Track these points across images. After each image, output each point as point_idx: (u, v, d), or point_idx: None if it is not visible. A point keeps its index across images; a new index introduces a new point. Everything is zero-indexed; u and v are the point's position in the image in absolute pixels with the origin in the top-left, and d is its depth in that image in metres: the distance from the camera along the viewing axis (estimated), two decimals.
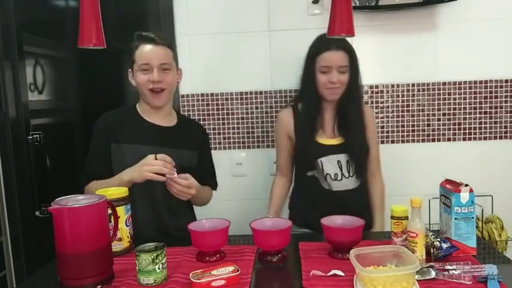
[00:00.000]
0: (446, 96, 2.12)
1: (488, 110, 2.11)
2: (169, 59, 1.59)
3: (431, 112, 2.13)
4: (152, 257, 1.12)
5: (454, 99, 2.12)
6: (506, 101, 2.10)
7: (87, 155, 1.62)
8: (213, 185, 1.77)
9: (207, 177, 1.73)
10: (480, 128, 2.13)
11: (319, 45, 1.65)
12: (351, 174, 1.68)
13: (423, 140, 2.15)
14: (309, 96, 1.70)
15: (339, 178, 1.67)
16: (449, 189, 1.28)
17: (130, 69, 1.61)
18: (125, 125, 1.62)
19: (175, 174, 1.44)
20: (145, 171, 1.42)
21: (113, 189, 1.38)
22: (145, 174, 1.42)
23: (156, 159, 1.44)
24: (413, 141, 2.15)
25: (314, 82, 1.66)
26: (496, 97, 2.10)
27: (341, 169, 1.67)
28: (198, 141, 1.71)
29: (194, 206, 1.74)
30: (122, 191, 1.37)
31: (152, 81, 1.55)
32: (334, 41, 1.58)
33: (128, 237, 1.36)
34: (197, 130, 1.77)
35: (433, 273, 1.11)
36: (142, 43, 1.56)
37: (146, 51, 1.55)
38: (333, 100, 1.68)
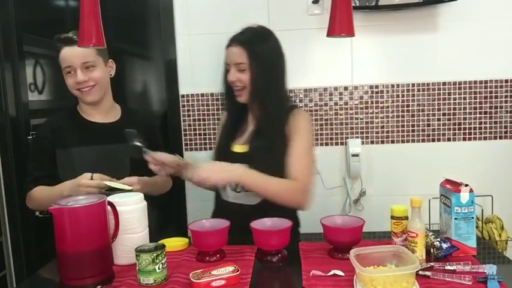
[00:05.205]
0: (446, 96, 2.12)
1: (488, 110, 2.11)
2: (91, 56, 1.55)
3: (431, 112, 2.13)
4: (152, 257, 1.12)
5: (454, 99, 2.12)
6: (506, 101, 2.10)
7: (28, 162, 1.61)
8: None
9: None
10: (480, 128, 2.13)
11: (229, 42, 1.52)
12: None
13: (423, 140, 2.15)
14: (226, 98, 1.60)
15: (238, 189, 1.50)
16: (449, 189, 1.28)
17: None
18: (67, 129, 1.61)
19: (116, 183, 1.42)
20: (83, 192, 1.37)
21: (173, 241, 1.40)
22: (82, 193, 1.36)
23: (92, 178, 1.41)
24: (413, 141, 2.15)
25: (226, 82, 1.55)
26: (496, 97, 2.10)
27: None
28: (143, 131, 1.65)
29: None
30: (183, 243, 1.39)
31: (77, 82, 1.55)
32: (238, 35, 1.51)
33: None
34: (140, 120, 1.72)
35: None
36: (63, 46, 1.55)
37: (67, 53, 1.54)
38: (241, 101, 1.53)
